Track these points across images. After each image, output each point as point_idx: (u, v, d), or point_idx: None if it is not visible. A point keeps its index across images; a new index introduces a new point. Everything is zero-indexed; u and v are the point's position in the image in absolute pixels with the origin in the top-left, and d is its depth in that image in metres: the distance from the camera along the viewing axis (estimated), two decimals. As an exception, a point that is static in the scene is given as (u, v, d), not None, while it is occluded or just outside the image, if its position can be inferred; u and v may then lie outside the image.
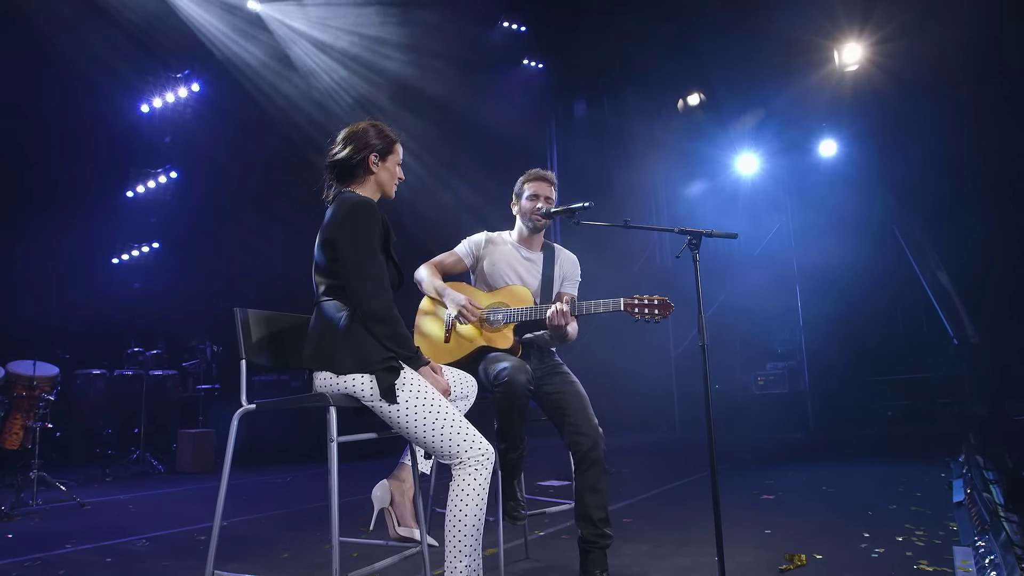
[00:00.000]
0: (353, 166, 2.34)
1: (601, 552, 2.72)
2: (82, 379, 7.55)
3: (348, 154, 2.33)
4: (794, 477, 5.83)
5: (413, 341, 2.23)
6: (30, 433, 5.35)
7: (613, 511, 2.98)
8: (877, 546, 3.28)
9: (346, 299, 2.21)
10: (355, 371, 2.13)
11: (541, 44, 10.71)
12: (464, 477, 2.12)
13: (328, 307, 2.22)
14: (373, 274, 2.16)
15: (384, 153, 2.38)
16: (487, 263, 3.08)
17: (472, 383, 2.58)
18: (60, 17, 6.44)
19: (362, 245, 2.17)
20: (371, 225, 2.20)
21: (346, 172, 2.35)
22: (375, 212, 2.23)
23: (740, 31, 8.58)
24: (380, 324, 2.14)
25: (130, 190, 8.85)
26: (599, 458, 2.75)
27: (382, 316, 2.15)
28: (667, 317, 2.76)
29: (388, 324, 2.15)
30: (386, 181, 2.40)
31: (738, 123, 9.94)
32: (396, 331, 2.17)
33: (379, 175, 2.38)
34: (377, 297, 2.15)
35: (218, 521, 2.19)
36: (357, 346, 2.13)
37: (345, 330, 2.16)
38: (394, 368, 2.13)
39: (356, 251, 2.16)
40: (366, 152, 2.34)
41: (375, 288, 2.16)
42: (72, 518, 4.83)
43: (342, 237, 2.18)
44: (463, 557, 2.09)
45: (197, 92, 8.28)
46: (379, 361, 2.12)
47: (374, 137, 2.36)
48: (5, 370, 5.29)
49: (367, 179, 2.37)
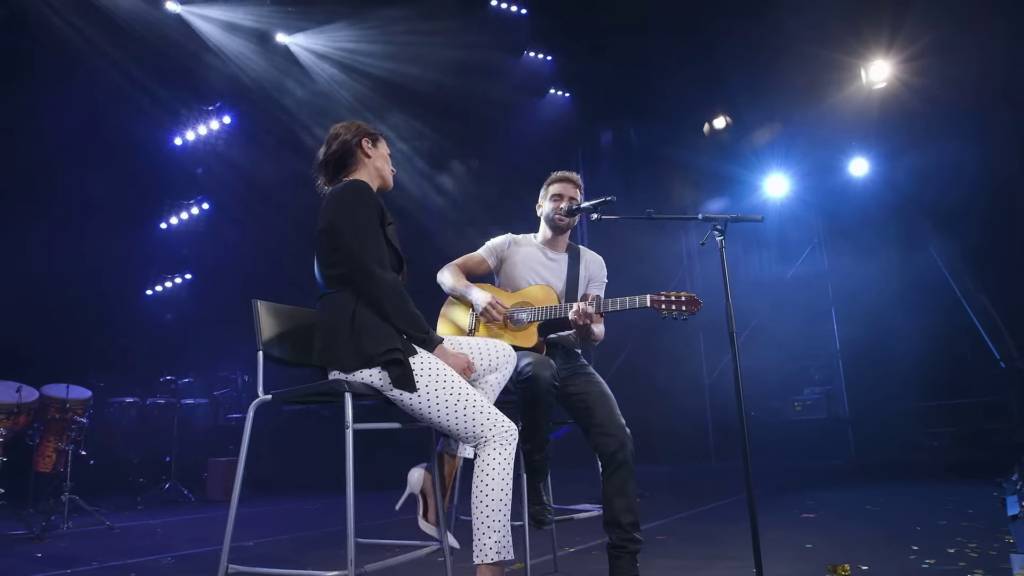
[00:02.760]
0: (344, 156, 2.31)
1: (631, 557, 2.60)
2: (115, 407, 7.63)
3: (338, 146, 2.31)
4: (835, 498, 5.59)
5: (423, 321, 2.17)
6: (62, 456, 5.39)
7: (646, 530, 2.87)
8: (927, 557, 3.10)
9: (350, 288, 2.14)
10: (362, 367, 2.07)
11: (567, 73, 10.79)
12: (490, 453, 2.06)
13: (332, 301, 2.16)
14: (376, 250, 2.12)
15: (375, 139, 2.38)
16: (510, 264, 3.04)
17: (504, 351, 2.41)
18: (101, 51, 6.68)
19: (361, 223, 2.12)
20: (367, 203, 2.15)
21: (339, 165, 2.33)
22: (368, 190, 2.19)
23: (765, 51, 8.55)
24: (389, 301, 2.08)
25: (164, 222, 9.05)
26: (626, 460, 2.64)
27: (390, 291, 2.08)
28: (695, 314, 2.68)
29: (396, 300, 2.09)
30: (382, 166, 2.37)
31: (755, 137, 9.86)
32: (406, 308, 2.11)
33: (374, 159, 2.35)
34: (384, 271, 2.10)
35: (234, 505, 2.16)
36: (360, 341, 2.06)
37: (350, 325, 2.08)
38: (398, 360, 2.06)
39: (356, 231, 2.11)
40: (357, 138, 2.32)
41: (381, 264, 2.10)
42: (101, 540, 4.82)
43: (338, 219, 2.13)
44: (492, 533, 2.02)
45: (228, 124, 8.49)
46: (382, 354, 2.04)
47: (361, 128, 2.37)
48: (39, 393, 5.35)
49: (362, 166, 2.34)
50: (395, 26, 7.68)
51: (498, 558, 2.04)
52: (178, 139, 8.65)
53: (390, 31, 7.70)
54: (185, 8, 6.95)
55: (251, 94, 7.71)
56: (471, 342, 2.38)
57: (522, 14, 9.03)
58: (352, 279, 2.13)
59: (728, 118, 10.23)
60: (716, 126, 10.33)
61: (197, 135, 8.59)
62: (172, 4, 6.87)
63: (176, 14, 6.96)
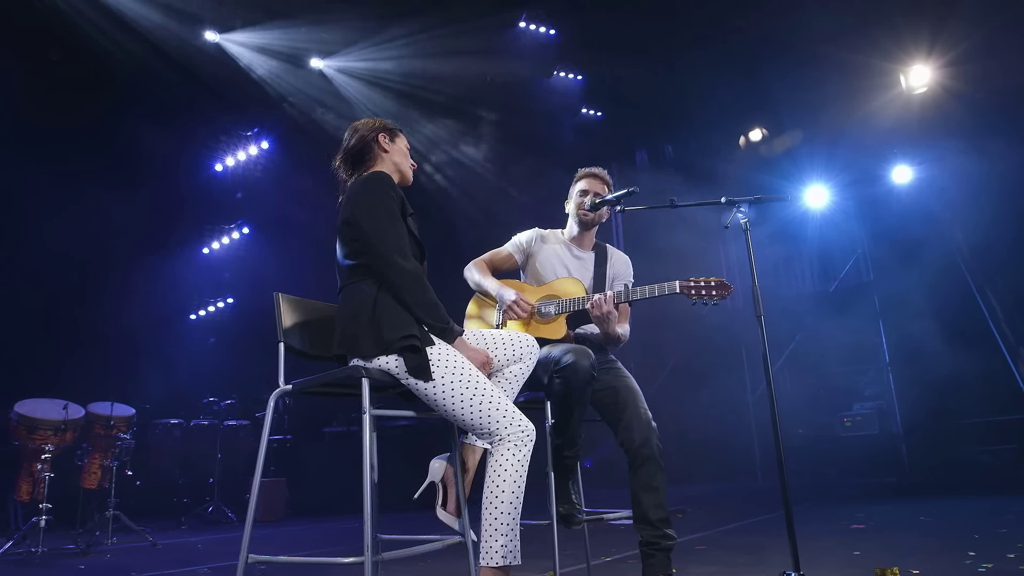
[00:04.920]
0: (363, 151, 2.33)
1: (664, 555, 2.50)
2: (160, 428, 7.77)
3: (355, 141, 2.34)
4: (888, 510, 5.35)
5: (444, 311, 2.15)
6: (107, 473, 5.51)
7: (685, 542, 2.77)
8: (984, 562, 2.92)
9: (371, 277, 2.13)
10: (380, 353, 2.05)
11: (599, 92, 10.77)
12: (503, 453, 2.01)
13: (353, 290, 2.15)
14: (397, 239, 2.11)
15: (392, 134, 2.39)
16: (537, 260, 3.01)
17: (528, 343, 2.37)
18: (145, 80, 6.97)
19: (381, 212, 2.11)
20: (386, 193, 2.15)
21: (358, 159, 2.35)
22: (389, 181, 2.20)
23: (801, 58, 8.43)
24: (409, 289, 2.07)
25: (206, 247, 9.30)
26: (652, 454, 2.56)
27: (411, 280, 2.07)
28: (725, 299, 2.61)
29: (417, 289, 2.08)
30: (400, 160, 2.38)
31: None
32: (426, 298, 2.09)
33: (392, 154, 2.36)
34: (405, 259, 2.09)
35: (256, 485, 2.28)
36: (380, 328, 2.05)
37: (371, 312, 2.07)
38: (415, 348, 2.03)
39: (376, 219, 2.10)
40: (374, 133, 2.35)
41: (402, 252, 2.09)
42: (143, 554, 4.88)
43: (359, 210, 2.13)
44: (499, 536, 1.96)
45: (266, 149, 8.72)
46: (399, 340, 2.02)
47: (379, 123, 2.39)
48: (85, 410, 5.50)
49: (380, 161, 2.35)
50: (425, 47, 7.80)
51: (504, 563, 1.98)
52: (219, 165, 8.92)
53: (420, 52, 7.84)
54: (223, 37, 7.20)
55: (287, 119, 7.91)
56: (494, 334, 2.35)
57: (551, 34, 9.09)
58: (373, 268, 2.13)
59: (764, 130, 10.09)
60: (752, 139, 10.19)
61: (236, 160, 8.84)
62: (211, 34, 7.13)
63: (215, 43, 7.22)
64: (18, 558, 4.67)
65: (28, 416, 5.11)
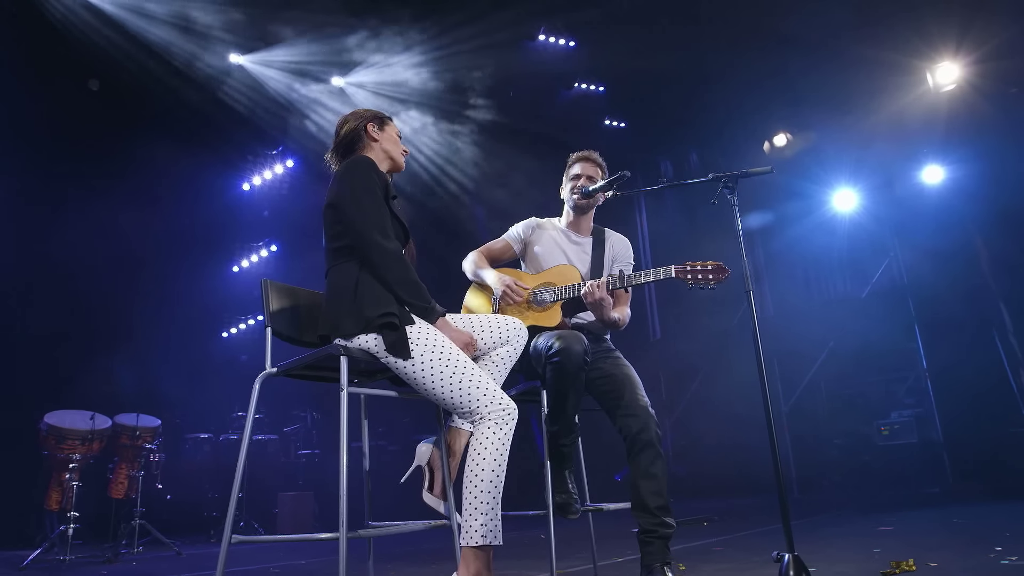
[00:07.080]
0: (353, 141, 2.38)
1: (662, 543, 2.44)
2: (191, 443, 7.91)
3: (345, 132, 2.38)
4: (920, 515, 5.14)
5: (426, 291, 2.15)
6: (134, 483, 5.62)
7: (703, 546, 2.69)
8: (1010, 554, 2.78)
9: (355, 259, 2.14)
10: (360, 332, 2.06)
11: (621, 103, 10.75)
12: (484, 431, 1.99)
13: (337, 272, 2.17)
14: (379, 219, 2.13)
15: (381, 122, 2.42)
16: (535, 248, 3.00)
17: (515, 326, 2.35)
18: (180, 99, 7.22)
19: (362, 193, 2.14)
20: (368, 175, 2.18)
21: (348, 149, 2.39)
22: (370, 163, 2.22)
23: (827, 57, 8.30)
24: (390, 268, 2.08)
25: (236, 264, 9.50)
26: (651, 440, 2.51)
27: (392, 259, 2.09)
28: (722, 282, 2.56)
29: (398, 267, 2.09)
30: (390, 148, 2.41)
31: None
32: (407, 276, 2.10)
33: (382, 142, 2.39)
34: (386, 239, 2.11)
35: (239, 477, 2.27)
36: (361, 306, 2.06)
37: (353, 292, 2.09)
38: (393, 325, 2.04)
39: (357, 200, 2.13)
40: (363, 123, 2.38)
41: (383, 232, 2.11)
42: (166, 562, 4.96)
43: (341, 192, 2.16)
44: (479, 515, 1.94)
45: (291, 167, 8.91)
46: (377, 318, 2.03)
47: (368, 112, 2.43)
48: (112, 421, 5.62)
49: (369, 150, 2.38)
50: (445, 62, 7.91)
51: (483, 542, 1.95)
52: (246, 184, 9.13)
53: (440, 65, 7.94)
54: (247, 58, 7.41)
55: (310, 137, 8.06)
56: (480, 317, 2.34)
57: (570, 46, 9.13)
58: (356, 250, 2.14)
59: (789, 135, 9.95)
60: (777, 144, 10.06)
61: (263, 179, 9.03)
62: (235, 56, 7.35)
63: (239, 65, 7.43)
64: (47, 566, 4.77)
65: (56, 426, 5.25)
